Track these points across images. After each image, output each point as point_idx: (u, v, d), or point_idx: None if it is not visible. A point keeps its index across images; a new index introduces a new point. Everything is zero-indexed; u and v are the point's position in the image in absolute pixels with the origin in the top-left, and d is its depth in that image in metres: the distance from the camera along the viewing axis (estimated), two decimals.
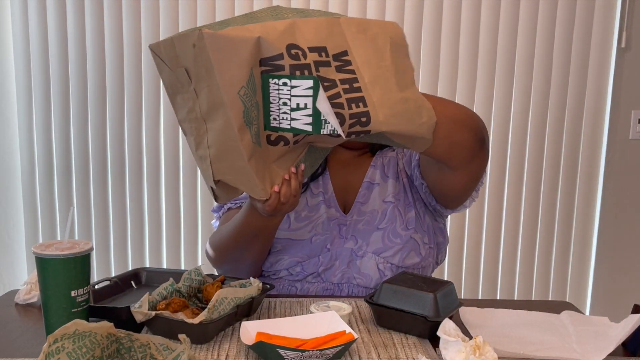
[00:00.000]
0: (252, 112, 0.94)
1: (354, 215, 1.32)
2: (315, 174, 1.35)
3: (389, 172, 1.35)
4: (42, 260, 0.92)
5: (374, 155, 1.39)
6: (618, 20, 2.34)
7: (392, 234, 1.29)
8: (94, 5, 2.28)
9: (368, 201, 1.33)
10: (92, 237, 2.42)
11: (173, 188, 2.40)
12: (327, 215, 1.31)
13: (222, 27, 0.90)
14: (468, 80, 2.35)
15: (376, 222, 1.30)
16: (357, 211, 1.32)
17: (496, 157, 2.41)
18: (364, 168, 1.38)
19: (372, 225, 1.30)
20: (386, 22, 1.04)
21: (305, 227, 1.31)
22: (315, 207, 1.33)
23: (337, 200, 1.34)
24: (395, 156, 1.37)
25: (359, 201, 1.33)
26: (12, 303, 1.16)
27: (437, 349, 0.95)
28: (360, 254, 1.28)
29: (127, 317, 0.98)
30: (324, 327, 0.95)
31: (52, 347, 0.76)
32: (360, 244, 1.29)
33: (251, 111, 0.94)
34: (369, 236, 1.29)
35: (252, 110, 0.94)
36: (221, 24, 0.92)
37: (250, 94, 0.93)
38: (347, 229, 1.31)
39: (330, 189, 1.35)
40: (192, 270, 1.13)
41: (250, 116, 0.94)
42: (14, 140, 2.39)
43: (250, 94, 0.93)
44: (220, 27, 0.90)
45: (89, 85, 2.33)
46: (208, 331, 0.95)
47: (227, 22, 0.93)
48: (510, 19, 2.32)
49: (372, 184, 1.34)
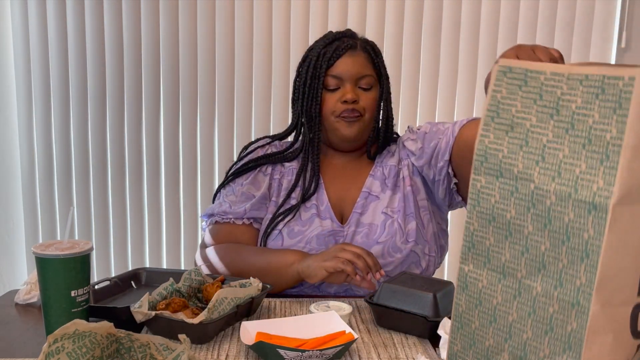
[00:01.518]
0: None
1: (351, 226, 1.29)
2: (307, 193, 1.32)
3: (389, 183, 1.32)
4: (42, 260, 0.92)
5: (371, 160, 1.36)
6: (618, 20, 2.34)
7: (392, 248, 1.26)
8: (94, 5, 2.28)
9: (367, 212, 1.30)
10: (92, 237, 2.42)
11: (173, 188, 2.40)
12: (322, 228, 1.28)
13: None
14: (468, 80, 2.35)
15: (375, 235, 1.27)
16: (355, 222, 1.30)
17: None
18: (361, 177, 1.35)
19: (372, 238, 1.27)
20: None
21: (299, 242, 1.28)
22: (309, 221, 1.30)
23: (333, 210, 1.31)
24: (397, 165, 1.34)
25: (357, 212, 1.30)
26: (12, 303, 1.16)
27: (437, 349, 0.95)
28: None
29: (127, 317, 0.98)
30: (324, 327, 0.96)
31: (52, 347, 0.76)
32: None
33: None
34: (368, 250, 1.24)
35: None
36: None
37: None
38: (344, 240, 1.29)
39: (325, 200, 1.32)
40: (192, 270, 1.13)
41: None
42: (14, 140, 2.39)
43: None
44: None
45: (89, 85, 2.33)
46: (208, 331, 0.95)
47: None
48: (510, 19, 2.32)
49: (371, 195, 1.32)
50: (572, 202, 0.64)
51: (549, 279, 0.67)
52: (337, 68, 1.28)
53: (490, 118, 0.72)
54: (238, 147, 2.35)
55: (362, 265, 1.12)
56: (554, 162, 0.66)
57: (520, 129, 0.70)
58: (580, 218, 0.63)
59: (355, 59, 1.29)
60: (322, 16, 2.27)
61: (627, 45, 2.35)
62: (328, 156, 1.38)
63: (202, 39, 2.30)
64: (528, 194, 0.68)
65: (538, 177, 0.67)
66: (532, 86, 0.69)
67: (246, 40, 2.30)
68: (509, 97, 0.70)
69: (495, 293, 0.72)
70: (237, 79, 2.32)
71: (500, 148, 0.71)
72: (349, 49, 1.29)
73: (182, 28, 2.30)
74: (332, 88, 1.29)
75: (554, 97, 0.67)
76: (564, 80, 0.66)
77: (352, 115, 1.28)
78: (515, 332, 0.70)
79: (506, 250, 0.71)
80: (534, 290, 0.68)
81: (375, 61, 1.32)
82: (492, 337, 0.73)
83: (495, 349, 0.73)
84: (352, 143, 1.33)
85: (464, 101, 2.35)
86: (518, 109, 0.70)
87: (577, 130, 0.64)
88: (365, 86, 1.30)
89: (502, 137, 0.71)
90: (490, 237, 0.73)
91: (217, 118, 2.35)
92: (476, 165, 0.73)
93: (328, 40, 1.31)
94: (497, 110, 0.71)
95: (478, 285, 0.74)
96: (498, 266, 0.72)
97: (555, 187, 0.66)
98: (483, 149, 0.72)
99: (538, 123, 0.68)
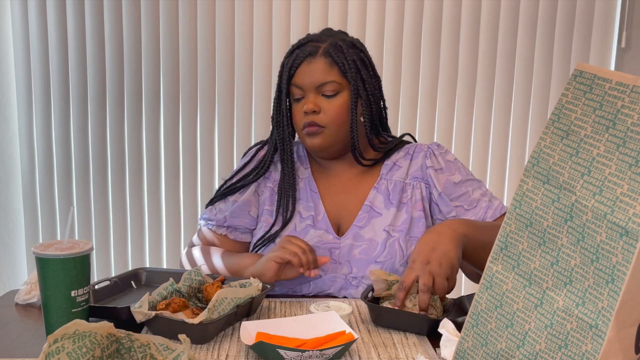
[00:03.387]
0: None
1: (348, 238, 1.25)
2: (285, 218, 1.28)
3: (394, 200, 1.27)
4: (42, 260, 0.92)
5: (362, 165, 1.29)
6: (618, 20, 2.34)
7: (390, 269, 1.22)
8: (94, 5, 2.28)
9: (367, 226, 1.26)
10: (92, 237, 2.42)
11: (173, 188, 2.40)
12: (318, 239, 1.25)
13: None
14: (468, 80, 2.35)
15: (375, 253, 1.23)
16: (353, 235, 1.25)
17: (496, 158, 2.41)
18: (364, 188, 1.30)
19: (370, 256, 1.23)
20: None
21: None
22: (303, 232, 1.27)
23: (329, 222, 1.27)
24: (403, 180, 1.29)
25: (357, 225, 1.26)
26: (12, 303, 1.16)
27: (437, 349, 0.95)
28: (355, 283, 1.23)
29: (127, 317, 0.98)
30: (324, 327, 0.95)
31: (52, 347, 0.76)
32: (355, 273, 1.23)
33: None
34: (365, 268, 1.23)
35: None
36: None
37: None
38: (340, 252, 1.25)
39: (322, 210, 1.28)
40: (192, 270, 1.13)
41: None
42: (14, 140, 2.39)
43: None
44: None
45: (89, 85, 2.33)
46: (208, 331, 0.95)
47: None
48: (510, 19, 2.32)
49: (373, 209, 1.27)
50: (607, 223, 0.63)
51: (573, 295, 0.66)
52: (297, 77, 1.24)
53: (551, 121, 0.71)
54: (238, 147, 2.35)
55: (297, 262, 1.14)
56: (599, 177, 0.65)
57: (574, 137, 0.69)
58: (611, 241, 0.63)
59: (313, 67, 1.22)
60: (322, 16, 2.27)
61: (627, 45, 2.35)
62: (320, 164, 1.34)
63: (202, 39, 2.30)
64: (568, 205, 0.68)
65: (580, 190, 0.67)
66: (595, 94, 0.68)
67: (246, 40, 2.30)
68: (573, 102, 0.70)
69: (518, 298, 0.72)
70: (237, 79, 2.32)
71: (552, 154, 0.70)
72: (307, 57, 1.23)
73: (182, 28, 2.30)
74: (297, 98, 1.25)
75: (614, 108, 0.66)
76: (627, 92, 0.65)
77: (312, 129, 1.23)
78: (529, 342, 0.70)
79: (537, 257, 0.71)
80: (556, 304, 0.68)
81: (341, 65, 1.23)
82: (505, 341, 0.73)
83: (506, 354, 0.72)
84: (323, 153, 1.28)
85: (464, 101, 2.35)
86: (577, 116, 0.69)
87: (628, 148, 0.64)
88: (329, 93, 1.22)
89: (557, 142, 0.70)
90: (525, 242, 0.73)
91: (217, 118, 2.35)
92: (527, 167, 0.73)
93: (291, 49, 1.28)
94: (559, 115, 0.71)
95: (503, 287, 0.74)
96: (526, 272, 0.72)
97: (594, 203, 0.65)
98: (538, 152, 0.72)
99: (592, 134, 0.67)
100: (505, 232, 0.75)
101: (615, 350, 0.63)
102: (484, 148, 2.39)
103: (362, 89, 1.25)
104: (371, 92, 1.26)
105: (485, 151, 2.40)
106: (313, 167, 1.35)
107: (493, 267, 0.75)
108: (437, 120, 2.37)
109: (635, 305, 0.63)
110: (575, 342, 0.65)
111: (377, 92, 1.29)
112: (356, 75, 1.24)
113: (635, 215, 0.61)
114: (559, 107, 0.71)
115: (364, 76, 1.25)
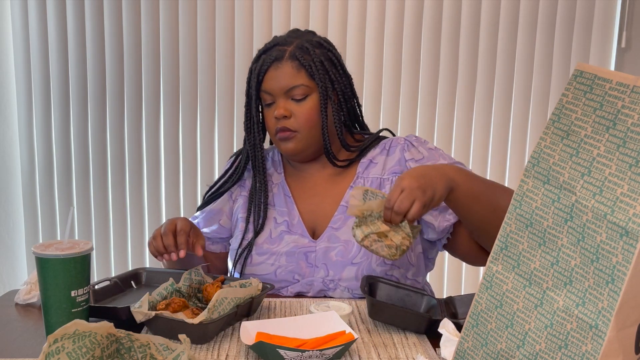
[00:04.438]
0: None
1: (324, 241, 1.23)
2: (257, 225, 1.27)
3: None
4: (42, 260, 0.92)
5: (337, 166, 1.27)
6: (618, 20, 2.34)
7: (367, 270, 1.20)
8: (94, 5, 2.28)
9: (343, 227, 1.23)
10: (92, 237, 2.42)
11: (173, 188, 2.40)
12: (293, 244, 1.24)
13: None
14: (468, 80, 2.35)
15: (350, 255, 1.21)
16: (328, 237, 1.23)
17: (496, 158, 2.41)
18: (340, 188, 1.28)
19: (346, 257, 1.21)
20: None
21: (267, 260, 1.24)
22: (278, 238, 1.25)
23: (305, 225, 1.26)
24: (380, 176, 1.27)
25: (332, 227, 1.24)
26: (12, 303, 1.16)
27: (437, 349, 0.95)
28: (332, 286, 1.22)
29: (127, 317, 0.98)
30: (324, 327, 0.95)
31: (52, 347, 0.76)
32: (332, 275, 1.21)
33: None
34: (342, 270, 1.21)
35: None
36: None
37: None
38: (315, 255, 1.23)
39: (296, 215, 1.26)
40: (192, 270, 1.13)
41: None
42: (14, 140, 2.39)
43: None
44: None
45: (89, 85, 2.33)
46: (208, 331, 0.95)
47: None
48: (510, 19, 2.32)
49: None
50: (607, 223, 0.63)
51: (573, 295, 0.66)
52: (265, 83, 1.23)
53: (551, 121, 0.71)
54: (238, 147, 2.35)
55: (152, 251, 1.15)
56: (599, 177, 0.65)
57: (575, 137, 0.69)
58: (611, 241, 0.63)
59: (279, 72, 1.21)
60: (322, 16, 2.27)
61: (627, 45, 2.35)
62: (295, 168, 1.33)
63: (202, 39, 2.30)
64: (568, 205, 0.68)
65: (580, 190, 0.67)
66: (595, 94, 0.67)
67: (246, 40, 2.30)
68: (573, 102, 0.70)
69: (518, 299, 0.72)
70: (237, 79, 2.32)
71: (552, 154, 0.70)
72: (274, 61, 1.21)
73: (182, 28, 2.30)
74: (268, 103, 1.25)
75: (614, 108, 0.65)
76: (627, 92, 0.65)
77: (284, 134, 1.22)
78: (529, 342, 0.70)
79: (537, 258, 0.71)
80: (556, 304, 0.68)
81: (308, 67, 1.21)
82: (505, 342, 0.73)
83: (506, 354, 0.72)
84: (298, 157, 1.28)
85: (464, 101, 2.35)
86: (578, 116, 0.69)
87: (628, 148, 0.64)
88: (299, 97, 1.21)
89: (557, 142, 0.70)
90: (525, 242, 0.73)
91: (217, 118, 2.35)
92: (527, 167, 0.73)
93: (258, 54, 1.26)
94: (560, 115, 0.71)
95: (503, 287, 0.74)
96: (526, 272, 0.72)
97: (594, 203, 0.65)
98: (538, 152, 0.72)
99: (593, 134, 0.67)
100: (505, 232, 0.75)
101: (615, 350, 0.63)
102: (484, 148, 2.39)
103: (332, 89, 1.24)
104: (341, 91, 1.25)
105: (485, 151, 2.40)
106: (287, 171, 1.34)
107: (493, 267, 0.76)
108: (437, 120, 2.37)
109: (635, 305, 0.63)
110: (575, 342, 0.65)
111: (348, 90, 1.28)
112: (324, 77, 1.22)
113: (635, 215, 0.61)
114: (559, 107, 0.71)
115: (333, 76, 1.24)
